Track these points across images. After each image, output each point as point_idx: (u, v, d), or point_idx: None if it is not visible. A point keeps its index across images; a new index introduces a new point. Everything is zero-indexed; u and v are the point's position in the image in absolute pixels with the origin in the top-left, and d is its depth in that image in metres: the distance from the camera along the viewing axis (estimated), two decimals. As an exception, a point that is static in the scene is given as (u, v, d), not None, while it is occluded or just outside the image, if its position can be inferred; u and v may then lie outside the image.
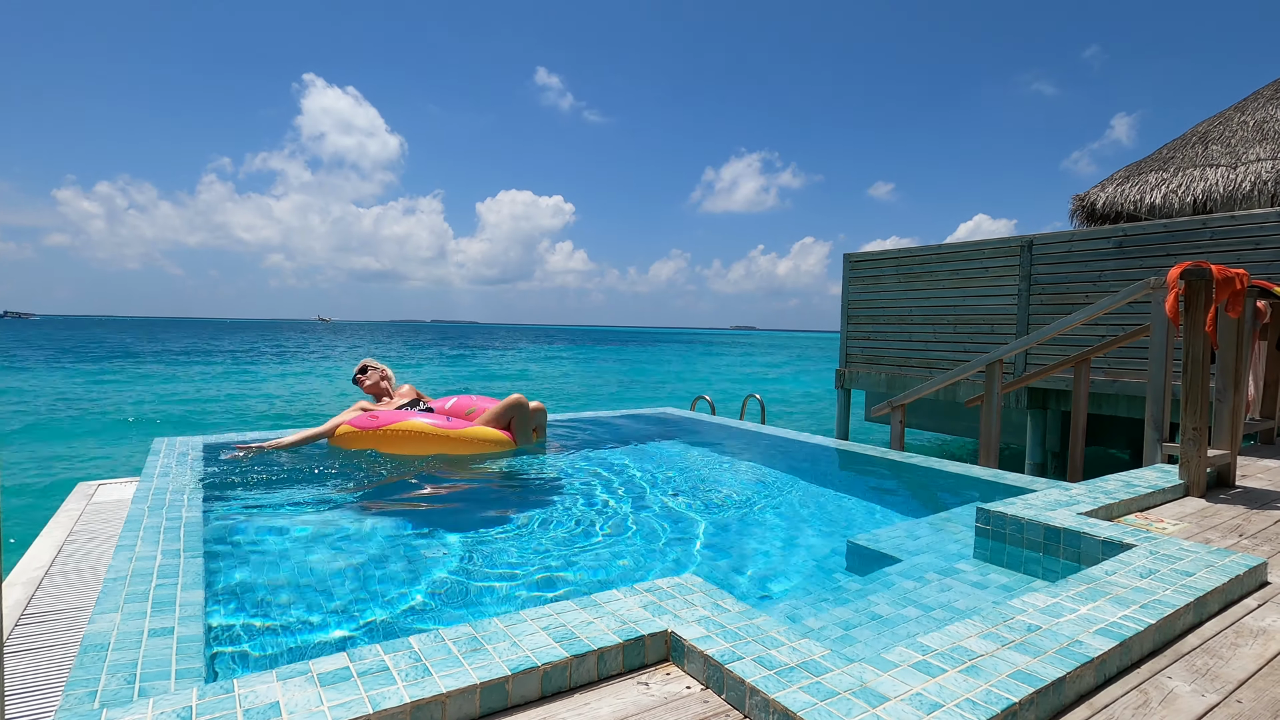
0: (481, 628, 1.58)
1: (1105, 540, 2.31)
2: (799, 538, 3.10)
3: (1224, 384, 3.51)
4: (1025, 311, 7.19)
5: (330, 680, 1.35)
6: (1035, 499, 2.77)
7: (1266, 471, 3.82)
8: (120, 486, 3.93)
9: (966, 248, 7.85)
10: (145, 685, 1.49)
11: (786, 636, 1.57)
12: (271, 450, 4.48)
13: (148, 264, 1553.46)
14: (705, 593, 1.83)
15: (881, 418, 5.68)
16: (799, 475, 4.31)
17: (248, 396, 19.08)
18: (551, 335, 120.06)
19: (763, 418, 8.17)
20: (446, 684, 1.34)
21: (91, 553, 2.82)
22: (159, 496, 3.14)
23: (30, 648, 2.00)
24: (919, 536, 2.96)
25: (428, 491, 3.83)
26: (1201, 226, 5.93)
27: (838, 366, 9.40)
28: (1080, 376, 4.91)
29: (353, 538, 2.95)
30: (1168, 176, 9.72)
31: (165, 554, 2.35)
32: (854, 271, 9.24)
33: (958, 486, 3.90)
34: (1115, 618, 1.68)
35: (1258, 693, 1.51)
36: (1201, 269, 3.16)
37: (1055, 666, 1.44)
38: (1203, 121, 10.44)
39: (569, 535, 3.11)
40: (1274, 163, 8.84)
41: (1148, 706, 1.45)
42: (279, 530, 3.03)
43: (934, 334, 8.18)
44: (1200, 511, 2.94)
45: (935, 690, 1.35)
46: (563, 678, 1.46)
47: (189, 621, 1.82)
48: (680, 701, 1.43)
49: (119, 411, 15.55)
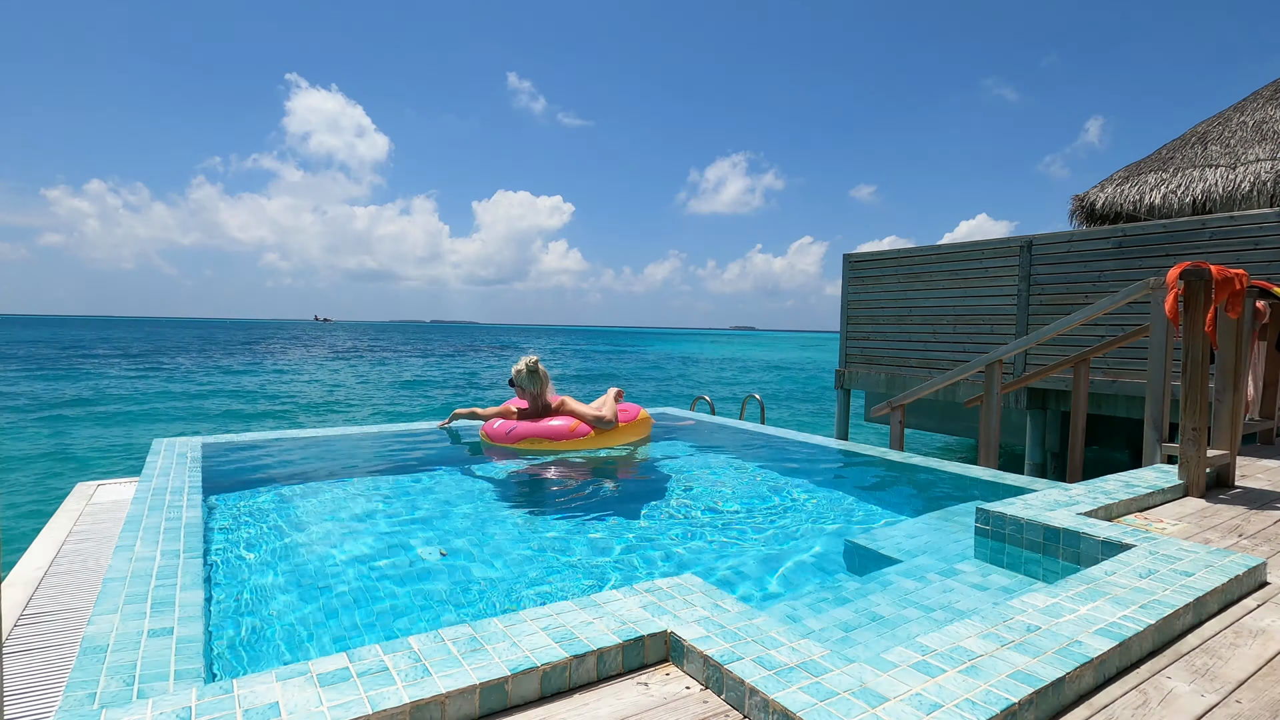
0: (481, 628, 1.58)
1: (1105, 540, 2.31)
2: (798, 538, 3.10)
3: (1223, 384, 3.51)
4: (1025, 312, 7.19)
5: (330, 681, 1.35)
6: (1035, 499, 2.77)
7: (1266, 472, 3.82)
8: (120, 487, 3.93)
9: (966, 248, 7.85)
10: (144, 686, 1.49)
11: (786, 637, 1.57)
12: (463, 418, 5.41)
13: (142, 263, 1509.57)
14: (705, 593, 1.83)
15: (881, 418, 5.68)
16: (798, 475, 4.30)
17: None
18: (554, 333, 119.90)
19: (762, 418, 8.17)
20: (446, 684, 1.34)
21: (90, 553, 2.82)
22: (158, 497, 3.14)
23: (30, 648, 2.00)
24: (918, 537, 2.96)
25: (425, 488, 3.82)
26: (1201, 227, 5.93)
27: (837, 366, 9.40)
28: (1080, 377, 4.91)
29: (354, 536, 2.95)
30: (1167, 177, 9.72)
31: (164, 554, 2.35)
32: (854, 271, 9.24)
33: (957, 487, 3.90)
34: (1115, 618, 1.68)
35: (1257, 693, 1.51)
36: (1201, 269, 3.16)
37: (1055, 667, 1.44)
38: (1202, 122, 10.44)
39: (567, 535, 3.11)
40: (1273, 163, 8.84)
41: (1147, 706, 1.45)
42: (278, 530, 3.03)
43: (933, 334, 8.18)
44: (1200, 512, 2.94)
45: (935, 690, 1.35)
46: (562, 678, 1.46)
47: (188, 622, 1.82)
48: (680, 702, 1.43)
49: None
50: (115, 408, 16.32)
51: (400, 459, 4.61)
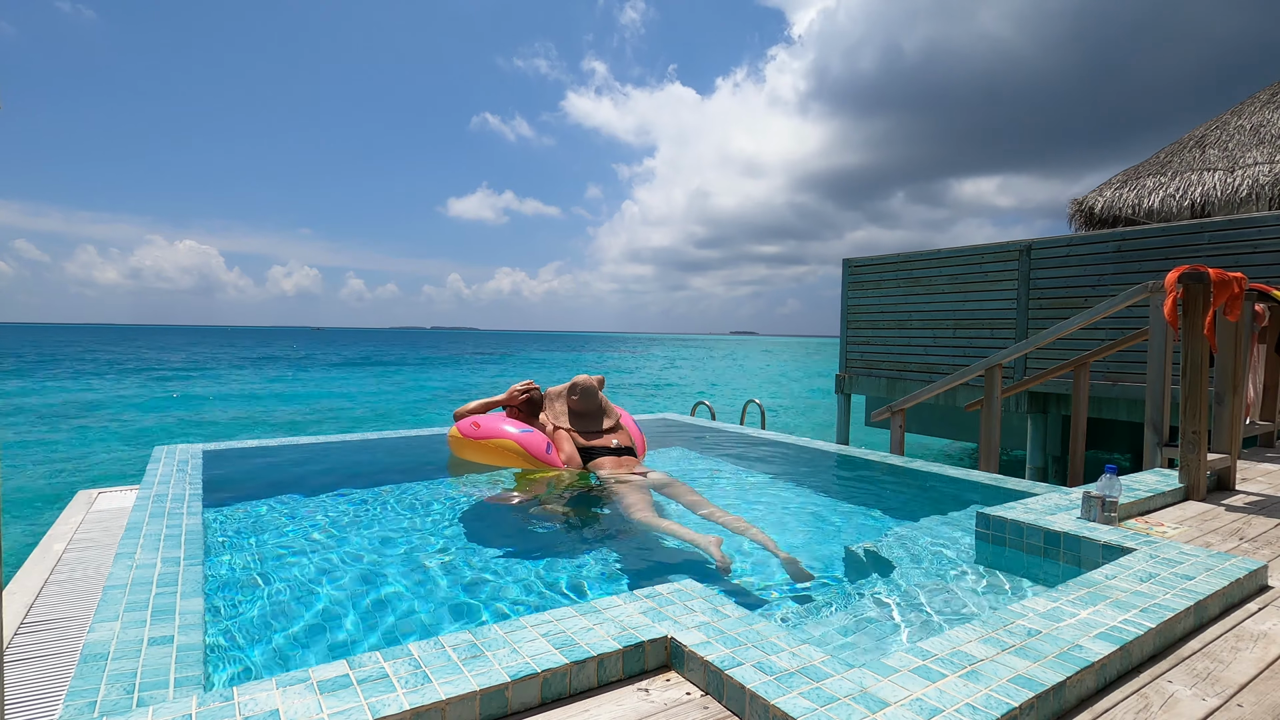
0: (481, 634, 1.58)
1: (1105, 544, 2.31)
2: (798, 542, 3.09)
3: (1223, 387, 3.51)
4: (1024, 316, 7.20)
5: (330, 688, 1.35)
6: (1035, 503, 2.77)
7: (1267, 475, 3.81)
8: (120, 494, 3.93)
9: (965, 252, 7.86)
10: (144, 694, 1.49)
11: (786, 642, 1.57)
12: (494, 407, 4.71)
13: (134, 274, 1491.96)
14: (705, 599, 1.83)
15: (881, 423, 5.68)
16: (799, 480, 4.30)
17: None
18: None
19: (763, 423, 8.17)
20: (446, 691, 1.34)
21: (91, 561, 2.82)
22: (159, 504, 3.14)
23: (30, 656, 2.00)
24: (919, 541, 2.96)
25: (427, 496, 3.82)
26: (1199, 230, 5.94)
27: (838, 371, 9.40)
28: (1080, 380, 4.91)
29: (354, 543, 2.95)
30: (1165, 181, 9.74)
31: (165, 562, 2.35)
32: (853, 276, 9.25)
33: (958, 491, 3.90)
34: (1115, 622, 1.68)
35: (1259, 696, 1.51)
36: (1199, 273, 3.16)
37: (1055, 671, 1.44)
38: (1199, 126, 10.47)
39: (568, 539, 3.11)
40: (1271, 166, 8.86)
41: (1148, 711, 1.44)
42: (279, 536, 3.02)
43: (933, 339, 8.19)
44: (1200, 515, 2.94)
45: (935, 695, 1.35)
46: (563, 684, 1.46)
47: (189, 630, 1.82)
48: (680, 708, 1.43)
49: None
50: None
51: (402, 465, 4.61)
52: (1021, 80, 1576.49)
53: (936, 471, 4.27)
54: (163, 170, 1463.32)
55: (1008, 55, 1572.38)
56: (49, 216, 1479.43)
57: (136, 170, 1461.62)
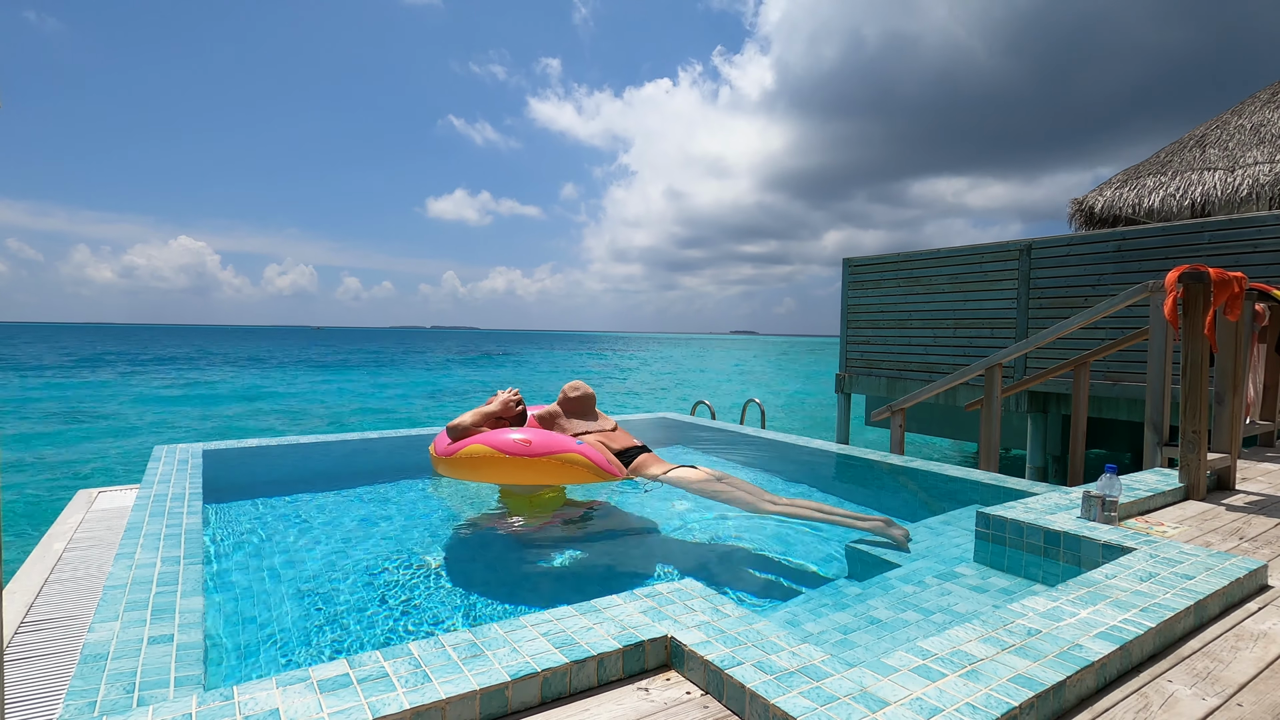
0: (481, 634, 1.58)
1: (1105, 544, 2.31)
2: (798, 542, 3.09)
3: (1223, 387, 3.51)
4: (1024, 315, 7.20)
5: (330, 687, 1.35)
6: (1035, 503, 2.77)
7: (1267, 474, 3.81)
8: (120, 494, 3.93)
9: (965, 252, 7.86)
10: (145, 694, 1.49)
11: (786, 641, 1.57)
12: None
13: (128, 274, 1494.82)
14: (705, 598, 1.83)
15: (881, 422, 5.68)
16: (799, 480, 4.30)
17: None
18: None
19: (763, 422, 8.17)
20: (446, 690, 1.34)
21: (91, 560, 2.82)
22: (159, 503, 3.14)
23: (31, 655, 2.00)
24: (918, 540, 2.96)
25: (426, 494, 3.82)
26: (1200, 230, 5.94)
27: (838, 371, 9.40)
28: (1080, 380, 4.91)
29: (354, 542, 2.95)
30: (1165, 180, 9.74)
31: (165, 561, 2.35)
32: (853, 276, 9.25)
33: (958, 490, 3.90)
34: (1115, 621, 1.68)
35: (1259, 696, 1.51)
36: (1200, 272, 3.16)
37: (1055, 670, 1.44)
38: (1200, 125, 10.47)
39: (567, 539, 3.11)
40: (1271, 166, 8.86)
41: (1148, 710, 1.44)
42: (279, 535, 3.03)
43: (933, 338, 8.19)
44: (1201, 514, 2.94)
45: (935, 695, 1.35)
46: (563, 683, 1.46)
47: (189, 629, 1.82)
48: (680, 707, 1.43)
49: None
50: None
51: (401, 464, 4.61)
52: (977, 85, 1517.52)
53: (936, 471, 4.27)
54: (151, 168, 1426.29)
55: (965, 59, 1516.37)
56: (52, 216, 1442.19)
57: (131, 169, 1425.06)
